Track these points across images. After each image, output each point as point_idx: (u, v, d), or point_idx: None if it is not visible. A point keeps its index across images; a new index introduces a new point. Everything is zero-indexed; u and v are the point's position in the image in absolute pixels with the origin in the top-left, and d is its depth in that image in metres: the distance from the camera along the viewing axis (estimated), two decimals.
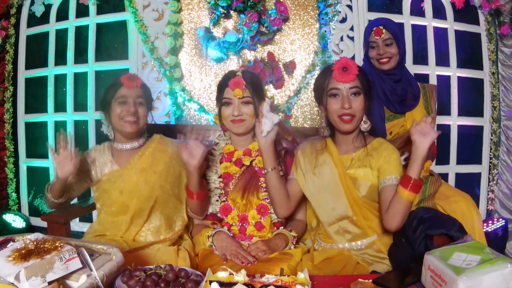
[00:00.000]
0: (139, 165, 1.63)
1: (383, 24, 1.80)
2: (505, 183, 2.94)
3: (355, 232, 1.52)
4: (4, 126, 2.90)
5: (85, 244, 1.18)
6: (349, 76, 1.44)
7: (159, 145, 1.70)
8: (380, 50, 1.79)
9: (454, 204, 1.59)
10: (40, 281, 0.94)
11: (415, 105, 1.86)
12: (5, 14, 2.84)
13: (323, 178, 1.55)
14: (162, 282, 1.07)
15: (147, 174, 1.62)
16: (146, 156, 1.66)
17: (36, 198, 3.02)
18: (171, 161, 1.67)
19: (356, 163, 1.51)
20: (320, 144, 1.61)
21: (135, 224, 1.60)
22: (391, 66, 1.81)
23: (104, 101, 1.65)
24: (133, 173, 1.62)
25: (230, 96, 1.61)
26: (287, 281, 0.97)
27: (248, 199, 1.65)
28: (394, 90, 1.82)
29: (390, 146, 1.51)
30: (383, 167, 1.47)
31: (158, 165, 1.64)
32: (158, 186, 1.62)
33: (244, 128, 1.63)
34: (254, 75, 1.71)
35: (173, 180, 1.66)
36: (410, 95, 1.85)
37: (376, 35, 1.80)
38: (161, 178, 1.63)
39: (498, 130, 2.91)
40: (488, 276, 0.98)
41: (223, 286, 0.95)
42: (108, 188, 1.62)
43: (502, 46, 2.91)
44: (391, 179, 1.44)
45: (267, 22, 2.49)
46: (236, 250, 1.50)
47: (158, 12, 2.60)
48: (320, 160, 1.57)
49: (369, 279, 1.15)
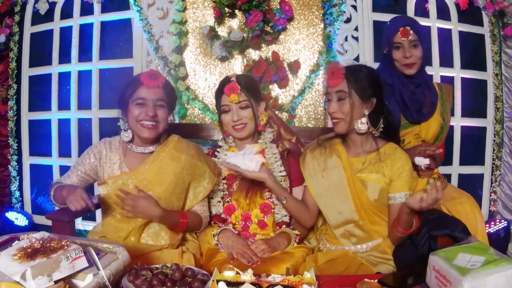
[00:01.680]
0: (149, 174, 1.52)
1: (410, 25, 1.72)
2: (508, 185, 2.94)
3: (361, 235, 1.53)
4: (7, 124, 2.90)
5: (91, 243, 1.17)
6: (334, 80, 1.47)
7: (173, 151, 1.56)
8: (406, 53, 1.71)
9: (459, 205, 1.59)
10: (46, 280, 0.94)
11: (432, 113, 1.79)
12: (9, 12, 2.84)
13: (331, 181, 1.55)
14: (168, 281, 1.07)
15: (154, 186, 1.51)
16: (158, 161, 1.53)
17: (39, 196, 3.03)
18: (182, 171, 1.55)
19: (368, 167, 1.51)
20: (330, 145, 1.61)
21: (134, 232, 1.52)
22: (415, 70, 1.74)
23: (122, 99, 1.52)
24: (143, 180, 1.51)
25: (227, 103, 1.62)
26: (294, 281, 0.97)
27: (251, 198, 1.65)
28: (413, 96, 1.76)
29: (404, 156, 1.51)
30: (395, 182, 1.48)
31: (167, 177, 1.52)
32: (163, 198, 1.52)
33: (246, 132, 1.65)
34: (248, 78, 1.72)
35: (180, 192, 1.56)
36: (428, 101, 1.78)
37: (403, 36, 1.70)
38: (168, 191, 1.53)
39: (501, 132, 2.91)
40: (493, 277, 0.99)
41: (230, 285, 0.95)
42: (115, 193, 1.50)
43: (506, 47, 2.90)
44: (400, 197, 1.47)
45: (271, 21, 2.49)
46: (242, 249, 1.50)
47: (163, 10, 2.60)
48: (329, 162, 1.57)
49: (374, 279, 1.15)
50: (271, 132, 1.74)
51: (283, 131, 1.84)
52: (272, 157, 1.69)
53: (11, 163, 2.92)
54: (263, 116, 1.68)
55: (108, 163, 1.57)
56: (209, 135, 2.37)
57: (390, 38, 1.75)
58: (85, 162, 1.58)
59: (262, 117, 1.68)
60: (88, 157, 1.58)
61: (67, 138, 2.87)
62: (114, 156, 1.57)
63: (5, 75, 2.89)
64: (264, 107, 1.70)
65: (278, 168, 1.67)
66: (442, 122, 1.81)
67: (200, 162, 1.59)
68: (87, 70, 2.81)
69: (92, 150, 1.60)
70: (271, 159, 1.68)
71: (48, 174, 2.94)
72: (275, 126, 1.78)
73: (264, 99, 1.74)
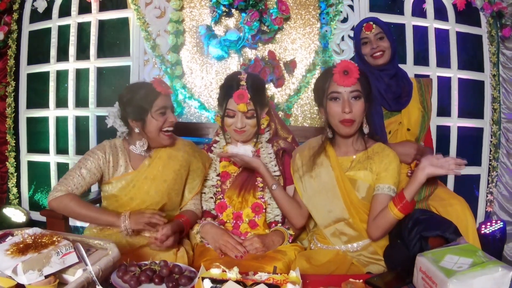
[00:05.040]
0: (151, 172, 1.58)
1: (373, 20, 1.84)
2: (504, 186, 2.94)
3: (351, 234, 1.53)
4: (5, 120, 2.92)
5: (83, 239, 1.19)
6: (350, 79, 1.42)
7: (170, 150, 1.64)
8: (373, 44, 1.81)
9: (449, 207, 1.59)
10: (37, 274, 0.96)
11: (408, 100, 1.87)
12: (8, 9, 2.86)
13: (320, 180, 1.55)
14: (156, 277, 1.09)
15: (158, 183, 1.58)
16: (157, 160, 1.60)
17: (37, 192, 3.04)
18: (180, 169, 1.63)
19: (356, 165, 1.51)
20: (319, 146, 1.60)
21: None
22: (385, 60, 1.82)
23: (140, 111, 1.52)
24: (144, 179, 1.57)
25: (234, 108, 1.59)
26: (279, 279, 0.98)
27: (244, 197, 1.66)
28: (389, 87, 1.83)
29: (392, 154, 1.50)
30: (381, 174, 1.47)
31: (168, 174, 1.60)
32: (166, 194, 1.60)
33: (245, 136, 1.65)
34: (257, 81, 1.65)
35: (179, 187, 1.65)
36: (404, 91, 1.87)
37: (367, 30, 1.82)
38: (169, 187, 1.61)
39: (498, 133, 2.91)
40: (479, 280, 0.98)
41: (216, 283, 0.96)
42: (118, 193, 1.56)
43: (504, 48, 2.90)
44: (384, 188, 1.46)
45: (268, 21, 2.49)
46: (225, 240, 1.52)
47: (160, 9, 2.61)
48: (317, 162, 1.57)
49: (360, 279, 1.16)
50: (267, 131, 1.74)
51: (280, 128, 1.84)
52: (267, 156, 1.69)
53: (9, 159, 2.94)
54: (264, 120, 1.67)
55: (114, 165, 1.59)
56: (205, 133, 2.38)
57: (358, 36, 1.88)
58: (97, 157, 1.56)
59: (263, 121, 1.67)
60: (99, 154, 1.57)
61: (64, 136, 2.89)
62: (119, 159, 1.60)
63: (4, 72, 2.90)
64: (266, 110, 1.69)
65: (272, 168, 1.67)
66: (422, 110, 1.87)
67: (195, 158, 1.68)
68: (85, 68, 2.82)
69: (101, 148, 1.59)
70: (265, 158, 1.68)
71: (45, 171, 2.95)
72: (273, 124, 1.78)
73: (268, 103, 1.71)
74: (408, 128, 1.86)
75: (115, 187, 1.57)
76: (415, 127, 1.87)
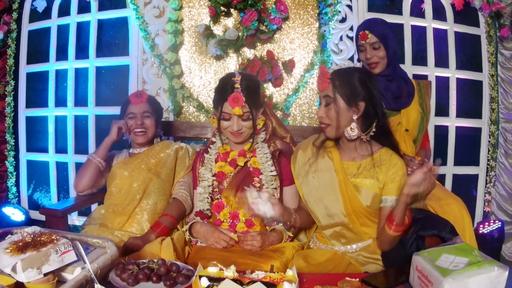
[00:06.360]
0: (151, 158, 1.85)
1: (369, 28, 1.77)
2: (503, 185, 2.94)
3: (350, 237, 1.53)
4: (5, 120, 2.93)
5: (81, 237, 1.21)
6: (320, 84, 1.47)
7: (161, 147, 1.89)
8: (368, 54, 1.78)
9: (445, 206, 1.59)
10: (36, 272, 0.97)
11: (409, 102, 1.86)
12: (8, 8, 2.86)
13: (321, 182, 1.55)
14: (154, 275, 1.10)
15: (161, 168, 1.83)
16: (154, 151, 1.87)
17: (36, 191, 3.05)
18: (172, 161, 1.87)
19: (362, 172, 1.51)
20: (323, 147, 1.59)
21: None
22: (381, 69, 1.81)
23: (120, 116, 1.91)
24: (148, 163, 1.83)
25: (229, 112, 1.60)
26: (275, 278, 0.99)
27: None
28: (388, 88, 1.83)
29: (399, 162, 1.50)
30: (388, 185, 1.48)
31: (163, 165, 1.84)
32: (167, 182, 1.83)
33: (242, 138, 1.66)
34: (252, 82, 1.64)
35: (170, 178, 1.86)
36: (405, 92, 1.86)
37: (362, 39, 1.78)
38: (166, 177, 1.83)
39: (496, 132, 2.91)
40: (475, 279, 0.98)
41: (213, 281, 0.96)
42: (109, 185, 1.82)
43: (502, 48, 2.91)
44: (391, 201, 1.46)
45: (267, 20, 2.50)
46: (216, 236, 1.55)
47: (159, 9, 2.61)
48: (320, 164, 1.57)
49: (357, 278, 1.17)
50: (263, 131, 1.74)
51: (278, 127, 1.84)
52: (263, 156, 1.68)
53: (8, 158, 2.94)
54: (260, 121, 1.67)
55: None
56: (203, 133, 2.39)
57: (356, 42, 1.87)
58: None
59: (259, 121, 1.67)
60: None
61: (63, 135, 2.89)
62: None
63: (3, 71, 2.91)
64: (262, 111, 1.70)
65: (269, 168, 1.66)
66: (421, 112, 1.87)
67: (182, 152, 1.91)
68: (84, 68, 2.82)
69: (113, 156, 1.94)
70: (262, 158, 1.67)
71: (44, 170, 2.96)
72: (269, 123, 1.78)
73: (263, 103, 1.72)
74: (406, 129, 1.86)
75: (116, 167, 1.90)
76: (414, 128, 1.87)
